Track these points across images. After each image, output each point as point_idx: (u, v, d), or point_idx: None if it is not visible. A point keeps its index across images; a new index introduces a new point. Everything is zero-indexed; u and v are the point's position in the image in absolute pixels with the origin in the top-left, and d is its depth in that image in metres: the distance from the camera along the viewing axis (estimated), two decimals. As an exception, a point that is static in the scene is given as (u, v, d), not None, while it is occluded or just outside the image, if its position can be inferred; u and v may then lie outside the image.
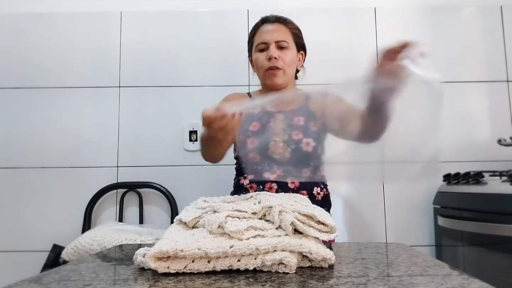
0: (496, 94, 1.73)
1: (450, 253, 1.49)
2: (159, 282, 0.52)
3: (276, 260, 0.55)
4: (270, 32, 1.23)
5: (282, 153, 1.16)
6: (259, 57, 1.24)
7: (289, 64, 1.24)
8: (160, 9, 1.78)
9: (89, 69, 1.75)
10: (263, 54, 1.23)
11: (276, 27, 1.25)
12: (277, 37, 1.22)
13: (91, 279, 0.54)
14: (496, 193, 1.18)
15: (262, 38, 1.24)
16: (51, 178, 1.69)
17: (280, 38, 1.22)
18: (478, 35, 1.76)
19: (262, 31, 1.26)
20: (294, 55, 1.26)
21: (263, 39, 1.24)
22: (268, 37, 1.23)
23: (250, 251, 0.55)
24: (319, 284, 0.49)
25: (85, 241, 1.32)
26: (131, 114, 1.74)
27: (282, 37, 1.23)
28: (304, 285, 0.49)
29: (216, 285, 0.50)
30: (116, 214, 1.68)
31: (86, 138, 1.71)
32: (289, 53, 1.24)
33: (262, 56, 1.23)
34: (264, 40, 1.23)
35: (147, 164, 1.71)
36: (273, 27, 1.24)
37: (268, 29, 1.25)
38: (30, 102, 1.73)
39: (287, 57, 1.23)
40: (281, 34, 1.23)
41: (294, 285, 0.49)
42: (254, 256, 0.56)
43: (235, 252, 0.55)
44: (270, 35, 1.23)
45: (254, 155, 1.18)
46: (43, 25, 1.77)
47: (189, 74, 1.76)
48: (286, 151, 1.16)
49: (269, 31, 1.24)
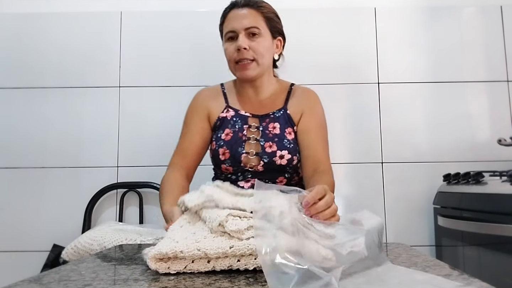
0: (496, 94, 1.73)
1: (450, 253, 1.49)
2: (159, 282, 0.52)
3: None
4: (239, 19, 1.08)
5: (255, 165, 1.10)
6: (228, 48, 1.10)
7: (262, 54, 1.09)
8: (160, 9, 1.78)
9: (89, 69, 1.75)
10: (232, 44, 1.09)
11: (245, 12, 1.09)
12: (246, 24, 1.08)
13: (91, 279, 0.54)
14: (496, 193, 1.18)
15: (230, 26, 1.10)
16: (51, 178, 1.69)
17: (250, 25, 1.08)
18: (478, 35, 1.76)
19: (230, 17, 1.11)
20: (268, 43, 1.12)
21: (231, 27, 1.09)
22: (236, 25, 1.08)
23: (250, 251, 0.55)
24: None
25: (85, 241, 1.32)
26: (131, 114, 1.74)
27: (253, 23, 1.08)
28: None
29: (216, 285, 0.50)
30: (116, 214, 1.68)
31: (86, 138, 1.71)
32: (262, 41, 1.09)
33: (231, 47, 1.09)
34: (232, 28, 1.09)
35: (147, 164, 1.71)
36: (242, 13, 1.09)
37: (236, 14, 1.10)
38: (30, 102, 1.73)
39: (260, 46, 1.09)
40: (251, 20, 1.08)
41: (294, 285, 0.49)
42: (254, 256, 0.56)
43: (235, 253, 0.55)
44: (238, 22, 1.08)
45: (226, 166, 1.12)
46: (43, 25, 1.77)
47: (189, 74, 1.76)
48: (259, 165, 1.10)
49: (237, 17, 1.09)
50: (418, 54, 1.76)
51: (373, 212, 0.66)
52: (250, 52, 1.08)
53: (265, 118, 1.15)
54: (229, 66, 1.15)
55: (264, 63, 1.12)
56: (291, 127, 1.14)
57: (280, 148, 1.10)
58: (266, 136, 1.12)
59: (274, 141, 1.11)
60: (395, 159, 1.70)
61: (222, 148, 1.12)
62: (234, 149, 1.10)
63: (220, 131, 1.15)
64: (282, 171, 1.12)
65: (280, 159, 1.09)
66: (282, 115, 1.15)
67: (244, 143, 1.12)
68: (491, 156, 1.66)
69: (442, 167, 1.61)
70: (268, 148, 1.10)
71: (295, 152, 1.11)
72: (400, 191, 1.68)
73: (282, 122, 1.14)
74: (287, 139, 1.12)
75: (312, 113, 1.17)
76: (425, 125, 1.72)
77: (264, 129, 1.13)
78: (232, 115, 1.16)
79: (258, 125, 1.14)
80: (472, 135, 1.71)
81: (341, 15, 1.78)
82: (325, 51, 1.76)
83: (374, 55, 1.76)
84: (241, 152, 1.10)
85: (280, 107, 1.17)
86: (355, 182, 1.69)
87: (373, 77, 1.74)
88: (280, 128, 1.13)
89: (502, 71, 1.73)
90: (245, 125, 1.14)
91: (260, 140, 1.11)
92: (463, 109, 1.72)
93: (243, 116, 1.16)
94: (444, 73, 1.74)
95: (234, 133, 1.13)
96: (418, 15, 1.78)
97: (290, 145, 1.11)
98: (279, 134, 1.12)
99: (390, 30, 1.77)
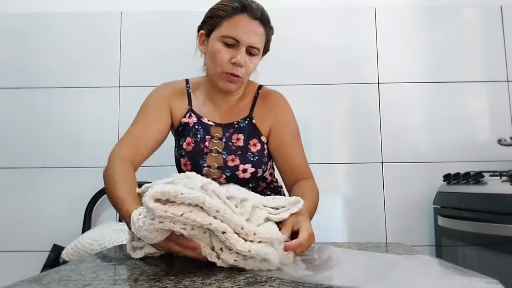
0: (496, 94, 1.73)
1: (450, 253, 1.49)
2: (159, 282, 0.52)
3: (261, 254, 0.57)
4: (247, 32, 1.00)
5: (217, 179, 1.05)
6: (222, 53, 1.01)
7: (249, 73, 1.06)
8: (160, 9, 1.78)
9: (89, 69, 1.75)
10: (228, 51, 1.00)
11: (255, 27, 1.01)
12: (252, 42, 1.00)
13: (91, 279, 0.54)
14: (496, 193, 1.18)
15: (236, 33, 0.99)
16: (51, 178, 1.69)
17: (255, 45, 1.01)
18: (478, 35, 1.76)
19: (238, 22, 1.00)
20: (258, 63, 1.07)
21: (236, 35, 0.99)
22: (243, 37, 1.00)
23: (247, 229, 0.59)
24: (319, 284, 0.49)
25: (85, 241, 1.32)
26: (131, 114, 1.73)
27: (258, 44, 1.02)
28: (304, 285, 0.49)
29: (216, 285, 0.50)
30: (116, 214, 1.68)
31: (86, 138, 1.71)
32: (255, 61, 1.05)
33: (226, 54, 1.00)
34: (237, 38, 0.99)
35: (147, 164, 1.70)
36: (252, 26, 1.01)
37: (246, 25, 1.00)
38: (30, 102, 1.73)
39: (251, 66, 1.04)
40: (258, 40, 1.02)
41: (294, 285, 0.49)
42: (246, 234, 0.59)
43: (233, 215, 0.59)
44: (246, 36, 1.00)
45: None
46: (43, 25, 1.77)
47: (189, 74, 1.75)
48: (221, 178, 1.06)
49: (246, 28, 1.00)
50: (418, 54, 1.76)
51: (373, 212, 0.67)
52: (243, 70, 1.02)
53: (229, 128, 1.09)
54: (213, 70, 1.05)
55: (246, 81, 1.09)
56: (256, 137, 1.08)
57: (243, 161, 1.05)
58: (228, 149, 1.07)
59: (237, 155, 1.06)
60: (395, 159, 1.70)
61: (184, 158, 1.08)
62: (195, 161, 1.07)
63: (182, 138, 1.09)
64: (245, 183, 1.08)
65: (243, 172, 1.05)
66: (247, 126, 1.09)
67: (206, 156, 1.06)
68: (491, 156, 1.66)
69: (442, 167, 1.61)
70: (231, 162, 1.05)
71: (260, 165, 1.07)
72: (400, 191, 1.68)
73: (246, 133, 1.08)
74: (251, 151, 1.07)
75: (282, 123, 1.10)
76: (425, 125, 1.72)
77: (227, 141, 1.07)
78: (194, 122, 1.09)
79: (221, 136, 1.08)
80: (472, 135, 1.71)
81: (341, 15, 1.78)
82: (325, 51, 1.76)
83: (374, 55, 1.76)
84: (202, 165, 1.06)
85: (246, 115, 1.10)
86: (355, 182, 1.69)
87: (373, 77, 1.74)
88: (244, 140, 1.07)
89: (502, 71, 1.73)
90: (207, 136, 1.08)
91: (222, 153, 1.06)
92: (463, 109, 1.72)
93: (206, 125, 1.09)
94: (444, 73, 1.74)
95: (196, 144, 1.08)
96: (418, 15, 1.78)
97: (255, 158, 1.06)
98: (243, 147, 1.07)
99: (390, 30, 1.77)
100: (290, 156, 1.08)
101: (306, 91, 1.69)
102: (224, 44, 1.01)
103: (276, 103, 1.12)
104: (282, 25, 1.62)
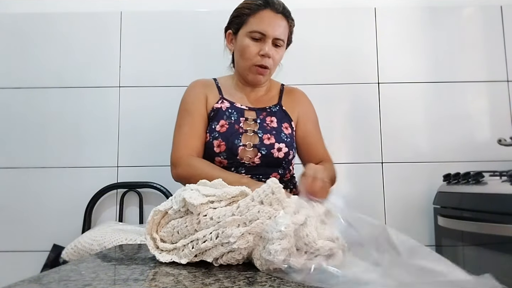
0: (496, 94, 1.73)
1: (450, 253, 1.49)
2: (159, 282, 0.52)
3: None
4: (273, 25, 1.09)
5: (251, 158, 1.08)
6: (251, 47, 1.10)
7: (276, 64, 1.15)
8: (160, 9, 1.78)
9: (89, 69, 1.75)
10: (256, 44, 1.10)
11: (279, 20, 1.11)
12: (278, 34, 1.10)
13: (91, 279, 0.54)
14: (496, 193, 1.18)
15: (262, 27, 1.09)
16: (51, 178, 1.69)
17: (280, 37, 1.11)
18: (478, 35, 1.76)
19: (263, 17, 1.10)
20: (283, 54, 1.16)
21: (262, 29, 1.09)
22: (269, 30, 1.09)
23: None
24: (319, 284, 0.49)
25: (85, 241, 1.32)
26: (131, 114, 1.74)
27: (282, 36, 1.11)
28: (304, 285, 0.49)
29: (216, 285, 0.50)
30: (116, 214, 1.68)
31: (86, 138, 1.71)
32: (281, 52, 1.14)
33: (254, 47, 1.10)
34: (263, 31, 1.09)
35: (147, 164, 1.71)
36: (276, 19, 1.10)
37: (271, 19, 1.10)
38: (30, 102, 1.73)
39: (278, 57, 1.13)
40: (282, 32, 1.11)
41: (294, 285, 0.49)
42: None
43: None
44: (272, 29, 1.09)
45: (221, 159, 1.09)
46: (43, 25, 1.77)
47: (189, 74, 1.75)
48: (256, 157, 1.08)
49: (271, 22, 1.09)
50: (418, 54, 1.76)
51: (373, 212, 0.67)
52: (270, 61, 1.11)
53: (262, 112, 1.16)
54: (243, 64, 1.13)
55: (273, 72, 1.18)
56: (287, 122, 1.17)
57: (278, 140, 1.11)
58: (264, 129, 1.11)
59: (272, 134, 1.11)
60: (395, 159, 1.70)
61: (217, 140, 1.09)
62: (230, 141, 1.08)
63: (215, 122, 1.12)
64: (277, 165, 1.11)
65: (278, 151, 1.10)
66: (279, 110, 1.18)
67: (241, 135, 1.09)
68: (491, 156, 1.66)
69: (442, 167, 1.61)
70: (267, 140, 1.10)
71: (291, 146, 1.13)
72: (400, 191, 1.68)
73: (278, 116, 1.16)
74: (284, 133, 1.13)
75: (308, 115, 1.23)
76: (425, 125, 1.72)
77: (261, 122, 1.13)
78: (227, 107, 1.14)
79: (255, 118, 1.14)
80: (472, 135, 1.71)
81: (341, 15, 1.78)
82: (325, 51, 1.76)
83: (374, 55, 1.76)
84: (238, 145, 1.07)
85: (275, 103, 1.20)
86: (355, 182, 1.69)
87: (373, 77, 1.74)
88: (277, 122, 1.14)
89: (502, 71, 1.73)
90: (242, 118, 1.12)
91: (258, 132, 1.11)
92: (463, 109, 1.72)
93: (239, 109, 1.15)
94: (444, 73, 1.74)
95: (230, 125, 1.10)
96: (418, 15, 1.78)
97: (287, 139, 1.12)
98: (277, 128, 1.13)
99: (390, 30, 1.77)
100: (314, 145, 1.20)
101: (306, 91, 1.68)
102: (252, 39, 1.10)
103: (301, 96, 1.27)
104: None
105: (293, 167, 1.21)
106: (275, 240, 0.54)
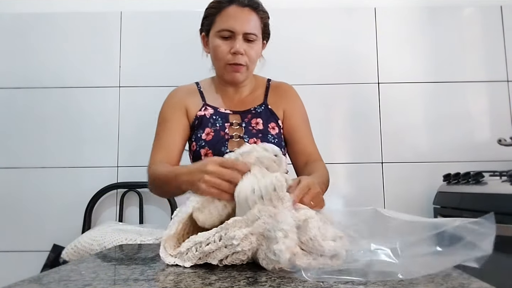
0: (496, 94, 1.73)
1: (450, 253, 1.49)
2: (159, 282, 0.52)
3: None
4: (240, 21, 1.04)
5: None
6: (221, 46, 1.05)
7: (254, 60, 1.09)
8: (160, 9, 1.78)
9: (89, 69, 1.75)
10: (226, 43, 1.05)
11: (246, 14, 1.05)
12: (247, 29, 1.04)
13: (91, 279, 0.54)
14: (496, 193, 1.18)
15: (229, 24, 1.04)
16: (51, 178, 1.69)
17: (250, 31, 1.04)
18: (478, 35, 1.76)
19: (229, 14, 1.05)
20: (260, 48, 1.10)
21: (229, 26, 1.04)
22: (237, 27, 1.03)
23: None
24: (319, 284, 0.49)
25: (85, 241, 1.32)
26: (131, 114, 1.74)
27: (253, 29, 1.05)
28: (304, 285, 0.49)
29: (216, 285, 0.50)
30: (116, 214, 1.68)
31: (86, 138, 1.71)
32: (255, 46, 1.07)
33: (224, 46, 1.05)
34: (231, 28, 1.03)
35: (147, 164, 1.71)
36: (243, 14, 1.04)
37: (237, 15, 1.04)
38: (30, 102, 1.73)
39: (254, 52, 1.07)
40: (252, 26, 1.05)
41: (294, 285, 0.49)
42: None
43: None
44: (239, 25, 1.03)
45: None
46: (43, 25, 1.77)
47: (189, 74, 1.75)
48: None
49: (238, 18, 1.04)
50: (418, 54, 1.76)
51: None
52: (245, 58, 1.06)
53: (246, 114, 1.12)
54: (217, 65, 1.11)
55: (252, 68, 1.12)
56: (274, 121, 1.12)
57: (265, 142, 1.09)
58: (249, 133, 1.08)
59: (258, 137, 1.08)
60: (395, 159, 1.70)
61: (204, 148, 1.07)
62: (217, 149, 1.06)
63: (200, 130, 1.09)
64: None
65: None
66: (264, 110, 1.13)
67: (227, 142, 1.07)
68: (491, 156, 1.66)
69: (442, 167, 1.61)
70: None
71: (280, 146, 1.09)
72: (400, 191, 1.68)
73: (264, 117, 1.12)
74: (271, 134, 1.10)
75: (295, 109, 1.17)
76: (425, 125, 1.72)
77: (247, 125, 1.10)
78: (211, 113, 1.11)
79: (240, 121, 1.11)
80: (472, 135, 1.71)
81: (341, 15, 1.78)
82: (325, 51, 1.76)
83: (374, 55, 1.76)
84: (224, 152, 1.05)
85: (260, 102, 1.15)
86: (355, 182, 1.69)
87: (373, 77, 1.74)
88: (263, 123, 1.11)
89: (502, 71, 1.73)
90: (227, 123, 1.10)
91: (243, 137, 1.08)
92: (463, 109, 1.72)
93: (223, 114, 1.12)
94: (444, 73, 1.74)
95: (216, 132, 1.08)
96: (418, 15, 1.78)
97: (275, 140, 1.09)
98: (263, 130, 1.10)
99: (390, 30, 1.77)
100: (302, 140, 1.13)
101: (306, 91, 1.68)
102: (222, 38, 1.06)
103: (288, 91, 1.20)
104: (282, 25, 1.62)
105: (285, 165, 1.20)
106: (279, 239, 0.54)
